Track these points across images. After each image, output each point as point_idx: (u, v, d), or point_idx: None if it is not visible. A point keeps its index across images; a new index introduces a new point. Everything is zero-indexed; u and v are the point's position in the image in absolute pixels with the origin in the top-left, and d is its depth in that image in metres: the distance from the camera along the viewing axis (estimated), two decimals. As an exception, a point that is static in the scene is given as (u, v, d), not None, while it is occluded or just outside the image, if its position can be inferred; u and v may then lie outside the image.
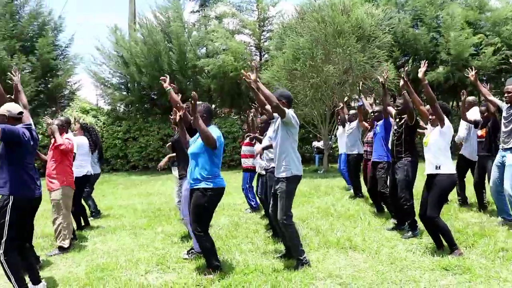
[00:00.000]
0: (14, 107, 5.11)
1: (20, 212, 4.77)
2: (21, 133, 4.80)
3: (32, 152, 5.06)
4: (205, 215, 5.28)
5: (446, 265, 5.10)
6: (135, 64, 20.62)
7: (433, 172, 5.60)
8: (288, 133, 5.38)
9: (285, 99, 5.53)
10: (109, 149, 20.87)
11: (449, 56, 17.72)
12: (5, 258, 4.65)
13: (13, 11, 21.10)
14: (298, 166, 5.43)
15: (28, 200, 4.89)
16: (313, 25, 14.93)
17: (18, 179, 4.80)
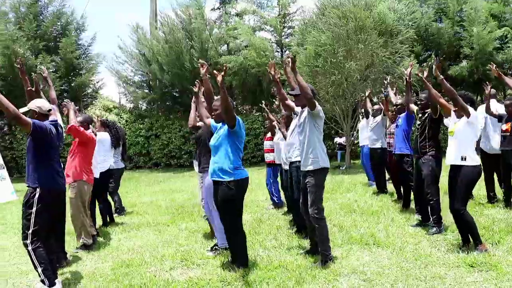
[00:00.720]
0: (44, 104, 5.24)
1: (46, 204, 4.88)
2: (49, 129, 4.91)
3: (57, 147, 5.16)
4: (235, 209, 5.28)
5: (472, 262, 5.05)
6: (157, 62, 20.73)
7: (458, 163, 5.51)
8: (315, 126, 5.37)
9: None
10: (132, 146, 21.06)
11: (472, 51, 17.46)
12: (33, 248, 4.78)
13: (37, 12, 21.43)
14: (325, 158, 5.42)
15: (53, 192, 5.01)
16: (334, 21, 14.84)
17: (44, 172, 4.93)
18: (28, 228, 4.80)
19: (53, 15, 21.96)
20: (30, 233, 4.79)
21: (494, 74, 7.13)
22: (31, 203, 4.83)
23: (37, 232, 4.83)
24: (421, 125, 6.70)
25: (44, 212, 4.88)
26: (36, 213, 4.81)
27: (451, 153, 5.63)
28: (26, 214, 4.84)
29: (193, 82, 12.12)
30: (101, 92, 25.01)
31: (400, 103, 8.13)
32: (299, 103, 5.63)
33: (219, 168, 5.22)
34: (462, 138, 5.53)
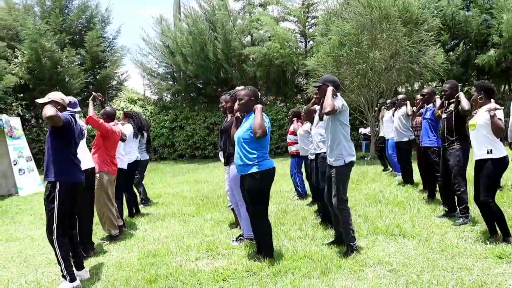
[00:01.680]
0: (65, 97, 5.25)
1: (67, 198, 4.90)
2: (71, 121, 4.94)
3: (76, 140, 5.13)
4: (261, 199, 5.28)
5: (500, 253, 4.97)
6: (180, 53, 20.82)
7: (485, 157, 5.44)
8: (339, 122, 5.33)
9: (331, 83, 5.45)
10: (157, 138, 21.23)
11: (501, 39, 17.11)
12: (58, 244, 4.81)
13: (62, 5, 21.68)
14: (350, 152, 5.38)
15: (73, 186, 4.99)
16: (359, 10, 14.70)
17: (64, 166, 4.91)
18: (53, 222, 4.82)
19: (78, 9, 22.21)
20: (55, 227, 4.82)
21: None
22: (52, 197, 4.84)
23: (62, 226, 4.86)
24: (448, 116, 6.61)
25: (66, 206, 4.91)
26: (58, 207, 4.83)
27: (476, 148, 5.54)
28: (49, 209, 4.85)
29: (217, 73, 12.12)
30: (125, 84, 25.26)
31: (427, 92, 8.01)
32: (321, 95, 5.60)
33: (245, 161, 5.23)
34: (484, 132, 5.43)
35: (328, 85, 5.41)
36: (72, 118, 5.01)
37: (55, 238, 4.81)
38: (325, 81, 5.51)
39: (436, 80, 16.65)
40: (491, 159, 5.38)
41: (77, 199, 5.21)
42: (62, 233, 4.87)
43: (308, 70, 16.91)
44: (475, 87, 5.71)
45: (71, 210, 5.07)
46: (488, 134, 5.39)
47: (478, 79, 19.29)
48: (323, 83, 5.48)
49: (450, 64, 16.62)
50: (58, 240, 4.82)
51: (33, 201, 11.17)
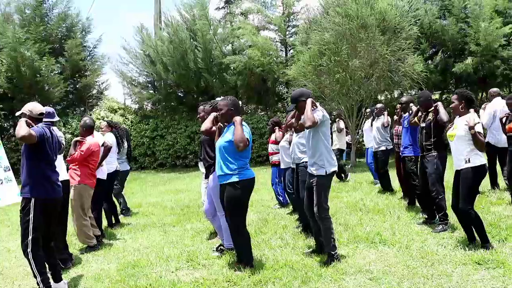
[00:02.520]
0: (35, 107, 5.15)
1: (43, 212, 4.84)
2: (44, 135, 4.84)
3: (53, 153, 5.05)
4: (240, 208, 5.29)
5: (478, 259, 5.02)
6: (161, 62, 20.75)
7: (464, 167, 5.49)
8: (321, 132, 5.36)
9: (306, 97, 5.48)
10: (137, 147, 21.08)
11: (478, 47, 17.35)
12: (33, 256, 4.75)
13: (42, 14, 21.49)
14: (332, 162, 5.41)
15: (49, 201, 4.93)
16: (337, 20, 14.81)
17: (39, 181, 4.85)
18: (27, 235, 4.77)
19: (59, 17, 22.00)
20: (30, 241, 4.76)
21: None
22: (27, 210, 4.79)
23: (37, 239, 4.80)
24: (426, 126, 6.69)
25: (42, 219, 4.85)
26: (33, 221, 4.77)
27: (456, 158, 5.62)
28: (24, 221, 4.80)
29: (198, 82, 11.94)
30: (106, 93, 25.04)
31: (405, 101, 8.07)
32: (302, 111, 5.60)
33: (225, 170, 5.24)
34: (463, 142, 5.50)
35: (303, 99, 5.43)
36: (47, 130, 4.93)
37: (29, 251, 4.75)
38: (298, 97, 5.51)
39: (415, 88, 16.83)
40: (470, 168, 5.44)
41: (55, 213, 5.15)
42: (37, 246, 4.80)
43: (288, 79, 16.97)
44: (456, 95, 5.75)
45: (48, 223, 5.01)
46: (467, 144, 5.46)
47: (456, 87, 19.53)
48: (298, 100, 5.49)
49: (429, 73, 16.81)
50: (33, 253, 4.75)
51: (11, 212, 11.00)
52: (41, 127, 4.89)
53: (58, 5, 22.27)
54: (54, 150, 5.08)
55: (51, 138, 4.99)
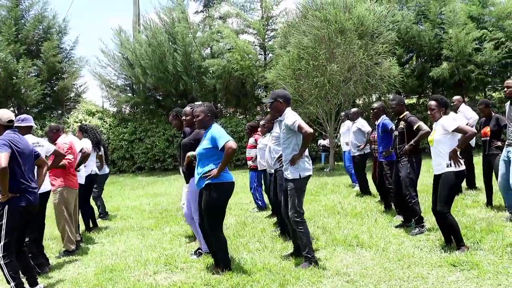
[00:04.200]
0: (4, 114, 5.07)
1: (16, 218, 4.79)
2: (9, 145, 4.77)
3: (24, 161, 4.98)
4: (217, 212, 5.31)
5: (454, 261, 5.10)
6: (140, 65, 20.66)
7: (446, 171, 5.55)
8: (296, 136, 5.39)
9: (281, 98, 5.54)
10: (115, 150, 20.93)
11: (452, 52, 17.62)
12: (5, 262, 4.71)
13: (18, 15, 21.30)
14: (307, 166, 5.45)
15: (22, 208, 4.86)
16: (316, 24, 14.90)
17: (14, 187, 4.78)
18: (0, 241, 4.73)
19: (35, 19, 21.79)
20: (2, 246, 4.71)
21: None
22: (0, 216, 4.74)
23: (9, 245, 4.75)
24: (399, 132, 6.81)
25: (14, 225, 4.80)
26: (6, 226, 4.73)
27: (436, 163, 5.69)
28: None
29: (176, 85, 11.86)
30: (84, 96, 24.85)
31: (376, 107, 8.08)
32: (273, 111, 5.65)
33: (203, 173, 5.24)
34: (444, 147, 5.56)
35: (280, 101, 5.48)
36: (12, 142, 4.83)
37: (1, 257, 4.69)
38: (277, 96, 5.55)
39: (393, 92, 16.99)
40: (452, 172, 5.52)
41: (29, 218, 5.09)
42: (10, 252, 4.75)
43: (267, 82, 17.01)
44: (435, 102, 5.81)
45: (21, 229, 4.96)
46: (447, 149, 5.53)
47: (433, 91, 19.80)
48: (275, 99, 5.53)
49: (406, 77, 17.00)
50: (4, 258, 4.70)
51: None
52: (6, 139, 4.80)
53: (34, 6, 22.08)
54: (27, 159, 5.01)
55: (19, 148, 4.91)
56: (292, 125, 5.27)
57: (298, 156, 5.32)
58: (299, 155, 5.32)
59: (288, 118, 5.36)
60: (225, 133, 5.30)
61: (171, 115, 6.94)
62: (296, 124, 5.25)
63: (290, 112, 5.46)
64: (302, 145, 5.34)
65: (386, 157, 7.56)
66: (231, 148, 5.07)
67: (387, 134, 7.56)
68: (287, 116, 5.41)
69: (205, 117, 5.38)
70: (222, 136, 5.20)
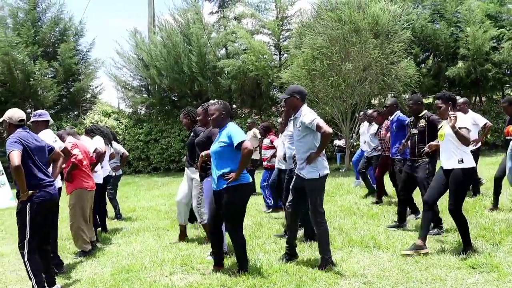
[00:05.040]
0: (15, 114, 5.12)
1: (39, 213, 4.83)
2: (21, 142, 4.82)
3: (40, 156, 5.03)
4: (237, 213, 5.30)
5: (473, 263, 5.03)
6: (155, 66, 20.73)
7: (456, 167, 5.48)
8: (313, 134, 5.34)
9: (298, 94, 5.50)
10: (131, 151, 21.02)
11: (469, 51, 17.45)
12: (28, 258, 4.76)
13: (35, 18, 21.54)
14: (324, 165, 5.40)
15: (44, 203, 4.91)
16: (330, 24, 14.84)
17: (32, 183, 4.82)
18: (24, 237, 4.78)
19: (51, 21, 22.03)
20: (27, 242, 4.77)
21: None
22: (23, 214, 4.78)
23: (33, 242, 4.81)
24: (420, 131, 6.68)
25: (38, 222, 4.85)
26: (31, 222, 4.78)
27: (446, 158, 5.62)
28: (20, 224, 4.81)
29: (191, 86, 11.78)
30: (100, 97, 25.06)
31: (390, 104, 8.04)
32: (288, 107, 5.63)
33: (221, 174, 5.23)
34: (455, 141, 5.47)
35: (296, 97, 5.45)
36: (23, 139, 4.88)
37: (26, 253, 4.76)
38: (293, 92, 5.50)
39: (409, 92, 16.87)
40: (462, 169, 5.45)
41: (50, 214, 5.14)
42: (34, 248, 4.80)
43: (282, 82, 16.97)
44: (441, 99, 5.73)
45: (43, 225, 4.99)
46: (458, 143, 5.45)
47: (450, 90, 19.62)
48: (291, 94, 5.49)
49: (422, 76, 16.87)
50: (29, 254, 4.75)
51: (4, 216, 10.96)
52: (16, 137, 4.85)
53: (51, 9, 22.32)
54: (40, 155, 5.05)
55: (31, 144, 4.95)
56: (310, 123, 5.22)
57: (315, 156, 5.28)
58: (316, 154, 5.28)
59: (305, 115, 5.31)
60: (242, 132, 5.29)
61: (182, 114, 7.02)
62: (314, 123, 5.20)
63: (306, 109, 5.42)
64: (320, 145, 5.29)
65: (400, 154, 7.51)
66: (247, 148, 5.05)
67: (402, 130, 7.51)
68: (304, 113, 5.35)
69: (220, 115, 5.35)
70: (239, 134, 5.18)
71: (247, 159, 5.15)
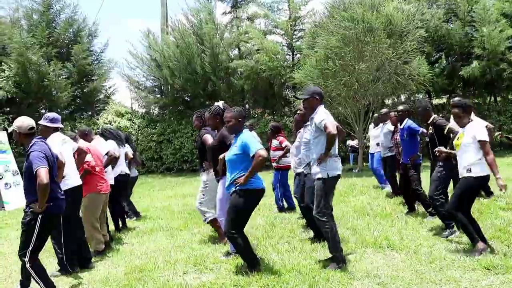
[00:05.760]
0: (23, 122, 5.06)
1: (47, 225, 4.91)
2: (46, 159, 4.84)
3: (55, 165, 5.10)
4: (242, 217, 5.34)
5: (488, 265, 4.99)
6: (168, 67, 20.78)
7: (466, 175, 5.53)
8: (325, 135, 5.34)
9: (318, 95, 5.57)
10: (144, 151, 21.11)
11: (484, 51, 17.30)
12: (31, 265, 4.81)
13: (49, 19, 21.66)
14: (336, 166, 5.42)
15: (54, 216, 5.00)
16: (343, 24, 14.79)
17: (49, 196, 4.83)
18: (28, 247, 4.82)
19: (65, 22, 22.16)
20: (29, 251, 4.81)
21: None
22: (32, 225, 4.81)
23: (36, 252, 4.88)
24: (430, 138, 6.80)
25: (45, 233, 4.94)
26: (37, 234, 4.82)
27: (460, 166, 5.65)
28: (27, 234, 4.84)
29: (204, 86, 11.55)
30: (113, 98, 25.16)
31: (401, 110, 7.95)
32: (307, 107, 5.65)
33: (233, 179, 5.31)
34: (468, 150, 5.51)
35: (316, 97, 5.48)
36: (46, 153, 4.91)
37: (27, 261, 4.80)
38: (313, 93, 5.55)
39: (422, 91, 16.78)
40: (471, 177, 5.46)
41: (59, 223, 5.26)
42: (35, 256, 4.87)
43: (295, 83, 16.95)
44: (460, 108, 5.70)
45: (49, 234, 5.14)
46: (473, 154, 5.45)
47: (464, 90, 19.50)
48: (311, 95, 5.51)
49: (436, 76, 16.76)
50: (30, 261, 4.81)
51: (19, 216, 10.96)
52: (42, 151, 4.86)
53: (65, 10, 22.47)
54: (54, 163, 5.09)
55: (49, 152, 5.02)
56: (320, 123, 5.27)
57: (323, 157, 5.30)
58: (324, 155, 5.30)
59: (318, 115, 5.37)
60: (257, 140, 5.34)
61: (195, 115, 7.20)
62: (323, 123, 5.24)
63: (322, 110, 5.46)
64: (326, 145, 5.31)
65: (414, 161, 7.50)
66: (261, 156, 5.07)
67: (414, 138, 7.49)
68: (318, 113, 5.42)
69: (236, 122, 5.40)
70: (254, 143, 5.23)
71: (259, 166, 5.17)
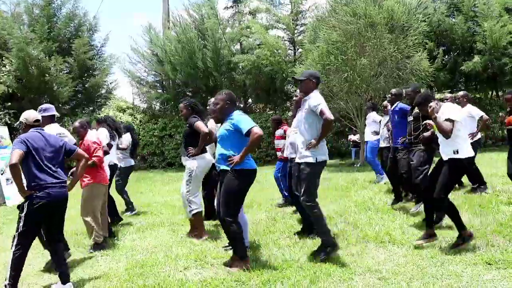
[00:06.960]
0: (30, 115, 5.30)
1: (33, 213, 4.89)
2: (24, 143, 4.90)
3: (51, 154, 5.10)
4: (237, 199, 5.28)
5: (489, 259, 4.97)
6: (169, 62, 20.78)
7: (451, 157, 5.49)
8: (318, 121, 5.35)
9: (314, 78, 5.57)
10: (146, 146, 21.13)
11: (486, 46, 17.26)
12: (14, 251, 4.84)
13: (50, 14, 21.66)
14: (325, 150, 5.44)
15: (44, 204, 4.93)
16: (345, 19, 14.75)
17: (32, 184, 4.90)
18: (16, 230, 4.87)
19: (66, 17, 22.19)
20: (16, 235, 4.86)
21: None
22: (22, 207, 4.90)
23: (23, 237, 4.87)
24: (414, 118, 6.81)
25: (33, 220, 4.91)
26: (24, 220, 4.85)
27: (443, 149, 5.64)
28: (18, 218, 4.91)
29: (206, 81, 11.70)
30: (114, 93, 25.20)
31: (395, 93, 8.06)
32: (302, 89, 5.61)
33: (225, 157, 5.23)
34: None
35: (312, 80, 5.48)
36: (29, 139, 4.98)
37: (14, 245, 4.84)
38: (310, 75, 5.55)
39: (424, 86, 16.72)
40: (456, 159, 5.43)
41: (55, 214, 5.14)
42: (23, 244, 4.88)
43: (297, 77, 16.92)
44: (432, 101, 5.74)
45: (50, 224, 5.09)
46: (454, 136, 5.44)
47: (466, 85, 19.47)
48: (308, 77, 5.50)
49: (437, 71, 16.73)
50: (16, 248, 4.84)
51: (20, 211, 11.02)
52: (23, 138, 4.97)
53: (65, 4, 22.45)
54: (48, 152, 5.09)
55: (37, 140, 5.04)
56: (315, 106, 5.24)
57: (315, 144, 5.28)
58: (317, 142, 5.29)
59: (312, 99, 5.35)
60: (250, 119, 5.26)
61: (182, 104, 7.09)
62: (319, 108, 5.22)
63: (317, 93, 5.45)
64: (322, 132, 5.28)
65: (403, 143, 7.52)
66: (257, 134, 5.02)
67: (405, 118, 7.53)
68: (313, 97, 5.41)
69: (225, 104, 5.33)
70: (247, 121, 5.17)
71: (255, 145, 5.14)
